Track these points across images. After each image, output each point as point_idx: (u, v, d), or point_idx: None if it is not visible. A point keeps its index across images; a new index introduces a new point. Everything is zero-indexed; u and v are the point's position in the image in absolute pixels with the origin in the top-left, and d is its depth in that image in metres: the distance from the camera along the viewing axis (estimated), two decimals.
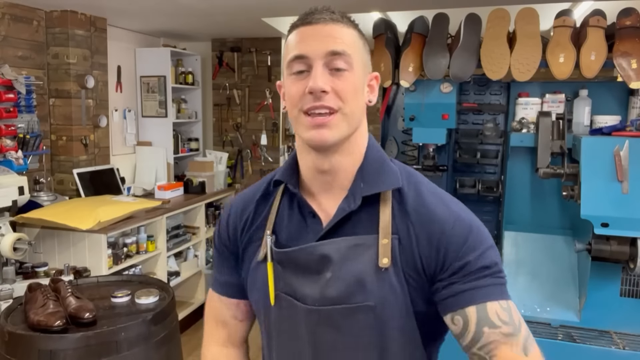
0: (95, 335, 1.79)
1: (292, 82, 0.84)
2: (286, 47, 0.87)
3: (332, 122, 0.82)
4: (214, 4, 3.31)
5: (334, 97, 0.81)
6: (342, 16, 0.86)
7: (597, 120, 2.27)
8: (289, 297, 0.88)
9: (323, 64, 0.81)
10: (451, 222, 0.84)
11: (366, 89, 0.89)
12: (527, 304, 2.27)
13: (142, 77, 4.40)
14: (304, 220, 0.90)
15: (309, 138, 0.83)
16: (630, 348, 2.01)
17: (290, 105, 0.85)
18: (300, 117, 0.83)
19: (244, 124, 4.93)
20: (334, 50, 0.81)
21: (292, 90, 0.83)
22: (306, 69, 0.82)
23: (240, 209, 0.99)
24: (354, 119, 0.85)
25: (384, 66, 2.42)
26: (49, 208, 3.04)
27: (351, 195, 0.87)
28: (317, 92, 0.80)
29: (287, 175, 0.93)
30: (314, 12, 0.84)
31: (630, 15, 2.14)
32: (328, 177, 0.88)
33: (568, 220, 2.41)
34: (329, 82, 0.81)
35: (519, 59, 2.21)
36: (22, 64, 3.28)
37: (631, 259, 1.95)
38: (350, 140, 0.87)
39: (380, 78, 0.93)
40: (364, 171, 0.88)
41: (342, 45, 0.82)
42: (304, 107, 0.82)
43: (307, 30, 0.83)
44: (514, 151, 2.42)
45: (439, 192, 0.90)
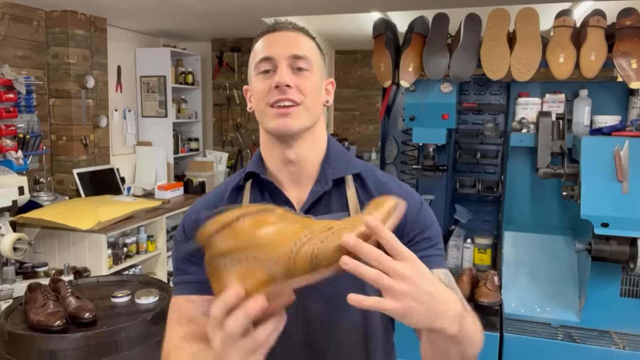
0: (95, 335, 1.79)
1: (259, 81, 0.94)
2: (253, 52, 0.97)
3: (295, 113, 0.92)
4: (214, 4, 3.31)
5: (297, 92, 0.92)
6: (302, 29, 0.99)
7: (597, 120, 2.27)
8: None
9: (287, 65, 0.92)
10: (405, 195, 0.91)
11: (323, 91, 1.00)
12: (527, 304, 2.27)
13: (142, 77, 4.40)
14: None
15: (274, 126, 0.92)
16: (630, 348, 2.01)
17: (256, 101, 0.95)
18: (266, 110, 0.93)
19: (244, 124, 4.93)
20: (296, 54, 0.92)
21: (258, 88, 0.94)
22: (272, 69, 0.92)
23: (213, 204, 1.01)
24: (314, 113, 0.95)
25: (384, 66, 2.42)
26: (49, 208, 3.04)
27: (322, 179, 0.96)
28: (282, 85, 0.90)
29: (258, 169, 1.00)
30: (278, 23, 0.98)
31: (630, 15, 2.14)
32: (295, 168, 0.97)
33: (568, 220, 2.41)
34: (292, 79, 0.91)
35: (519, 59, 2.21)
36: (22, 64, 3.28)
37: (631, 259, 1.95)
38: (311, 131, 0.96)
39: (335, 84, 1.04)
40: (329, 159, 0.99)
41: (303, 50, 0.94)
42: (270, 100, 0.91)
43: (273, 36, 0.95)
44: (514, 151, 2.42)
45: (392, 176, 1.06)
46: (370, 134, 6.52)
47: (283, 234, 0.67)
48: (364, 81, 6.52)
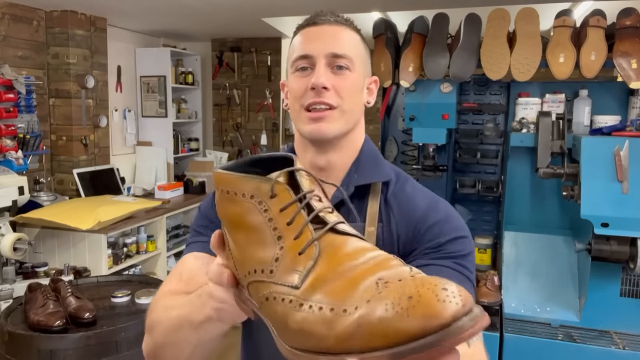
0: (95, 335, 1.79)
1: (295, 79, 0.88)
2: (291, 46, 0.91)
3: (331, 117, 0.85)
4: (214, 4, 3.31)
5: (334, 95, 0.85)
6: (346, 20, 0.91)
7: (597, 120, 2.27)
8: None
9: (326, 63, 0.85)
10: (428, 208, 0.88)
11: (365, 90, 0.93)
12: (527, 304, 2.27)
13: (142, 77, 4.40)
14: None
15: (308, 131, 0.86)
16: (630, 348, 2.01)
17: (292, 101, 0.89)
18: (301, 112, 0.87)
19: (244, 124, 4.93)
20: (336, 53, 0.85)
21: (295, 86, 0.88)
22: (309, 67, 0.86)
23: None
24: (352, 116, 0.89)
25: (384, 66, 2.42)
26: (49, 208, 3.04)
27: (345, 184, 0.90)
28: (318, 87, 0.84)
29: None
30: (319, 14, 0.89)
31: (630, 15, 2.14)
32: (323, 174, 0.91)
33: (568, 220, 2.41)
34: (330, 79, 0.85)
35: (519, 59, 2.21)
36: (22, 64, 3.28)
37: (631, 259, 1.95)
38: (347, 137, 0.90)
39: (379, 82, 0.97)
40: (359, 164, 0.92)
41: (345, 47, 0.86)
42: (305, 102, 0.86)
43: (312, 30, 0.88)
44: (514, 151, 2.42)
45: (424, 188, 0.95)
46: (370, 134, 6.46)
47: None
48: None
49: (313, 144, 0.89)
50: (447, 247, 0.85)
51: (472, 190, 2.64)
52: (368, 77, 0.94)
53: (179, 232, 4.03)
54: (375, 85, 0.96)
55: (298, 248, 0.51)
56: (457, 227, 0.89)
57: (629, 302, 2.12)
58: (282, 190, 0.54)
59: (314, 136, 0.86)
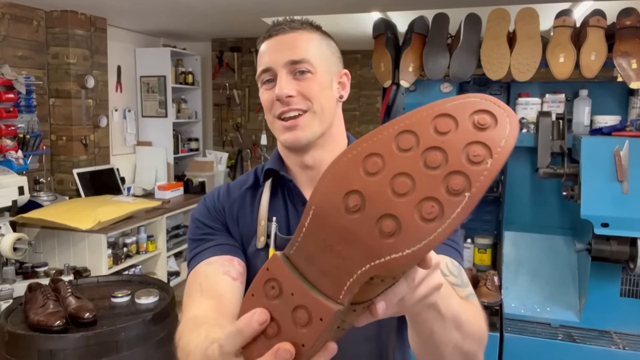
0: (95, 335, 1.79)
1: (263, 92, 0.91)
2: (257, 60, 0.94)
3: (303, 122, 0.88)
4: (214, 4, 3.31)
5: (301, 99, 0.87)
6: (302, 23, 0.92)
7: (597, 120, 2.27)
8: None
9: (286, 72, 0.88)
10: None
11: (336, 85, 0.95)
12: (527, 304, 2.27)
13: (142, 77, 4.41)
14: (295, 210, 0.94)
15: (284, 140, 0.90)
16: (630, 348, 2.01)
17: (266, 112, 0.92)
18: (275, 122, 0.90)
19: (244, 124, 4.93)
20: (292, 60, 0.87)
21: (264, 99, 0.91)
22: (273, 78, 0.89)
23: (225, 191, 1.00)
24: (324, 115, 0.90)
25: (384, 66, 2.42)
26: (49, 208, 3.04)
27: None
28: (282, 98, 0.86)
29: (278, 166, 0.97)
30: (275, 25, 0.92)
31: (630, 15, 2.14)
32: (314, 172, 0.93)
33: (568, 220, 2.41)
34: (293, 86, 0.87)
35: (519, 59, 2.21)
36: (22, 64, 3.28)
37: (631, 259, 1.95)
38: (326, 135, 0.92)
39: (349, 74, 0.99)
40: None
41: (301, 52, 0.88)
42: (275, 112, 0.89)
43: (270, 43, 0.91)
44: (514, 151, 2.41)
45: None
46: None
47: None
48: (364, 81, 6.52)
49: (291, 150, 0.92)
50: None
51: None
52: (336, 72, 0.95)
53: (179, 232, 4.03)
54: (347, 78, 0.97)
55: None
56: None
57: (629, 302, 2.12)
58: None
59: (291, 144, 0.89)
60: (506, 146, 0.44)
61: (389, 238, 0.43)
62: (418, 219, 0.43)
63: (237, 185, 1.02)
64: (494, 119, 0.45)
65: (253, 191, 1.00)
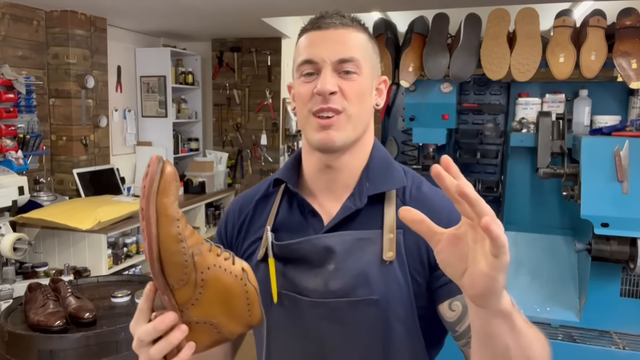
0: (95, 335, 1.79)
1: (301, 84, 0.86)
2: (296, 49, 0.89)
3: (338, 123, 0.84)
4: (214, 3, 3.31)
5: (340, 98, 0.83)
6: (352, 20, 0.88)
7: (597, 120, 2.27)
8: (291, 294, 0.87)
9: (332, 69, 0.83)
10: (451, 209, 0.83)
11: (374, 92, 0.90)
12: (527, 304, 2.27)
13: (142, 77, 4.41)
14: (304, 219, 0.91)
15: (317, 140, 0.85)
16: (630, 348, 2.01)
17: (299, 106, 0.88)
18: (309, 117, 0.85)
19: (244, 124, 4.93)
20: (342, 58, 0.83)
21: (301, 92, 0.86)
22: (315, 72, 0.84)
23: (239, 208, 0.99)
24: (359, 121, 0.87)
25: (384, 66, 2.42)
26: (49, 208, 3.04)
27: (357, 194, 0.88)
28: (324, 94, 0.82)
29: (287, 175, 0.93)
30: (324, 17, 0.86)
31: (630, 15, 2.14)
32: (333, 175, 0.89)
33: (568, 220, 2.41)
34: (337, 83, 0.83)
35: (519, 59, 2.21)
36: (22, 64, 3.28)
37: (631, 259, 1.95)
38: (357, 142, 0.88)
39: (388, 82, 0.95)
40: (369, 170, 0.90)
41: (351, 51, 0.84)
42: (312, 108, 0.84)
43: (317, 35, 0.85)
44: (514, 151, 2.42)
45: (436, 188, 0.90)
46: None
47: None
48: None
49: (322, 152, 0.87)
50: None
51: None
52: (377, 78, 0.91)
53: None
54: (385, 85, 0.93)
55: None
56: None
57: (629, 302, 2.12)
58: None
59: (322, 146, 0.85)
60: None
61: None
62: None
63: (248, 198, 1.00)
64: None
65: (264, 201, 0.97)
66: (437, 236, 0.61)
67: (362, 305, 0.83)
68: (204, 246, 0.69)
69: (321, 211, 0.90)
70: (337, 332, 0.84)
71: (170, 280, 0.66)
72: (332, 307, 0.84)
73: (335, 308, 0.84)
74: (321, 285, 0.85)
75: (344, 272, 0.84)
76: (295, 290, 0.87)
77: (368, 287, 0.83)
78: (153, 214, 0.63)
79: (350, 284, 0.84)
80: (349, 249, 0.85)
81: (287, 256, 0.88)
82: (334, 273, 0.85)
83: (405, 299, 0.84)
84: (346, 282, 0.84)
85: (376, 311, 0.83)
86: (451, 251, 0.60)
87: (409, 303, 0.84)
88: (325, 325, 0.85)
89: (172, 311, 0.67)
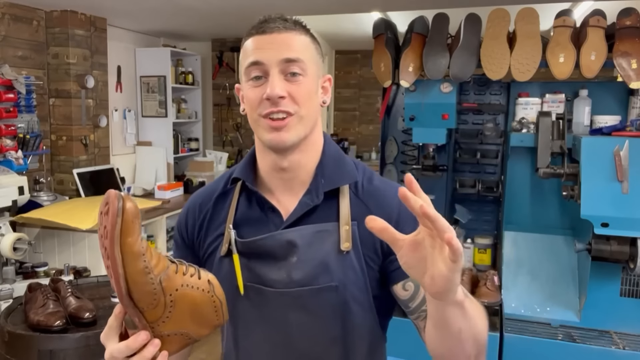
0: (95, 335, 1.79)
1: (250, 88, 0.89)
2: (242, 53, 0.92)
3: (289, 125, 0.88)
4: (214, 4, 3.31)
5: (290, 102, 0.87)
6: (295, 23, 0.92)
7: (597, 120, 2.27)
8: (257, 285, 0.92)
9: (279, 71, 0.87)
10: (402, 202, 0.89)
11: (320, 90, 0.95)
12: (527, 304, 2.27)
13: (142, 77, 4.41)
14: (264, 215, 0.95)
15: (268, 140, 0.89)
16: (630, 348, 2.01)
17: (249, 110, 0.91)
18: (259, 120, 0.89)
19: (244, 124, 4.93)
20: (288, 58, 0.87)
21: (250, 96, 0.89)
22: (263, 75, 0.88)
23: (198, 205, 1.03)
24: (309, 120, 0.91)
25: (384, 66, 2.42)
26: (49, 208, 3.04)
27: (313, 190, 0.93)
28: (274, 98, 0.85)
29: (244, 172, 0.97)
30: (267, 21, 0.91)
31: (630, 15, 2.14)
32: (288, 175, 0.94)
33: (568, 220, 2.41)
34: (285, 87, 0.86)
35: (519, 59, 2.21)
36: (22, 64, 3.28)
37: (631, 259, 1.95)
38: (307, 139, 0.92)
39: (332, 80, 0.99)
40: (323, 167, 0.95)
41: (296, 52, 0.88)
42: (262, 112, 0.88)
43: (262, 39, 0.89)
44: (514, 151, 2.42)
45: (389, 180, 1.01)
46: (370, 134, 6.52)
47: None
48: (364, 81, 6.53)
49: (274, 151, 0.91)
50: None
51: (472, 190, 2.64)
52: (321, 77, 0.95)
53: None
54: (329, 83, 0.97)
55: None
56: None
57: (629, 302, 2.12)
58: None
59: (274, 145, 0.89)
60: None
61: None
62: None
63: (207, 196, 1.02)
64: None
65: (223, 198, 1.00)
66: (400, 242, 0.68)
67: (323, 292, 0.90)
68: (170, 269, 0.72)
69: (279, 207, 0.94)
70: (300, 318, 0.91)
71: (140, 304, 0.69)
72: (295, 296, 0.91)
73: (298, 296, 0.90)
74: (284, 277, 0.91)
75: (305, 263, 0.90)
76: (260, 282, 0.92)
77: (328, 275, 0.90)
78: (118, 255, 0.65)
79: (312, 273, 0.90)
80: (309, 241, 0.91)
81: (252, 251, 0.93)
82: (296, 264, 0.91)
83: (361, 284, 0.92)
84: (308, 272, 0.90)
85: (336, 296, 0.90)
86: (412, 255, 0.68)
87: (364, 287, 0.92)
88: (289, 312, 0.91)
89: (143, 330, 0.71)
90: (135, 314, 0.70)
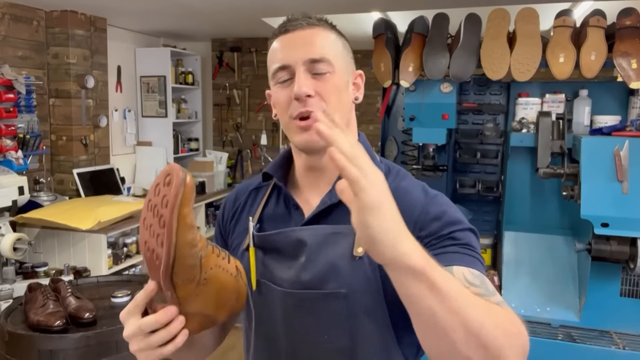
0: (95, 335, 1.79)
1: (278, 91, 0.88)
2: (269, 56, 0.90)
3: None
4: (214, 4, 3.31)
5: (319, 100, 0.85)
6: (319, 20, 0.90)
7: (597, 120, 2.27)
8: (268, 282, 0.91)
9: (305, 70, 0.85)
10: (427, 201, 0.87)
11: (351, 87, 0.92)
12: (527, 304, 2.27)
13: (142, 77, 4.41)
14: (288, 212, 0.95)
15: (300, 141, 0.88)
16: (630, 348, 2.01)
17: (281, 113, 0.90)
18: (290, 123, 0.88)
19: (244, 124, 4.93)
20: (313, 58, 0.85)
21: (279, 98, 0.88)
22: (290, 77, 0.86)
23: (233, 199, 1.04)
24: (340, 118, 0.87)
25: (384, 66, 2.42)
26: (49, 208, 3.04)
27: (334, 190, 0.88)
28: (301, 96, 0.84)
29: (275, 169, 0.97)
30: (291, 20, 0.89)
31: (630, 15, 2.14)
32: (317, 174, 0.93)
33: (568, 220, 2.41)
34: (312, 85, 0.84)
35: (519, 59, 2.21)
36: (22, 64, 3.28)
37: (631, 259, 1.95)
38: None
39: (364, 75, 0.96)
40: None
41: (321, 50, 0.86)
42: (292, 113, 0.86)
43: (286, 38, 0.87)
44: (514, 151, 2.42)
45: (421, 182, 0.93)
46: (370, 134, 6.51)
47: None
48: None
49: (306, 152, 0.90)
50: (452, 236, 0.84)
51: (472, 190, 2.64)
52: (352, 73, 0.93)
53: None
54: (361, 79, 0.95)
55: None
56: (457, 218, 0.88)
57: (629, 302, 2.12)
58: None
59: (305, 146, 0.88)
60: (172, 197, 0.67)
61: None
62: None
63: (245, 188, 1.04)
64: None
65: (257, 192, 1.01)
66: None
67: (330, 298, 0.85)
68: (209, 248, 0.74)
69: (305, 205, 0.93)
70: (306, 321, 0.87)
71: (176, 278, 0.70)
72: (300, 298, 0.87)
73: (303, 299, 0.87)
74: (293, 276, 0.88)
75: (314, 264, 0.87)
76: (271, 279, 0.91)
77: (337, 281, 0.85)
78: (175, 223, 0.67)
79: (320, 276, 0.86)
80: (321, 242, 0.87)
81: (266, 246, 0.92)
82: (305, 265, 0.87)
83: (374, 293, 0.85)
84: (316, 275, 0.86)
85: (344, 305, 0.85)
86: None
87: (377, 297, 0.85)
88: (295, 314, 0.88)
89: (173, 305, 0.72)
90: (169, 287, 0.71)
